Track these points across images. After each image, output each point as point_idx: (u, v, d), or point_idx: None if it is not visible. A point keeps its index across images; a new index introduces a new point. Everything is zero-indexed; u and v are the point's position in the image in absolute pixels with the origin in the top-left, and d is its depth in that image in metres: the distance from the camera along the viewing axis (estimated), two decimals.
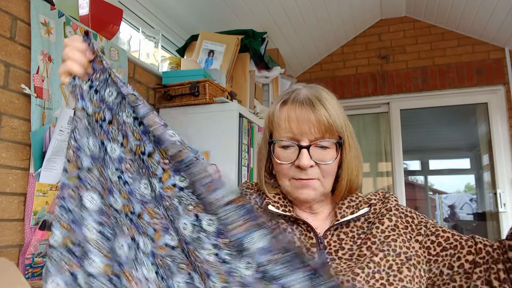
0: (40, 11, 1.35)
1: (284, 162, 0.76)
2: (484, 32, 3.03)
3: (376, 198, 0.83)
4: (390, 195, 0.83)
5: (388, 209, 0.79)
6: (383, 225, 0.76)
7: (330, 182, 0.78)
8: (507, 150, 3.02)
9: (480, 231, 3.55)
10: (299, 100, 0.76)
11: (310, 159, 0.74)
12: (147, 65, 2.01)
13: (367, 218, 0.79)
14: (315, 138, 0.74)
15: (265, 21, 2.64)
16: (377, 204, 0.82)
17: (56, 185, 1.35)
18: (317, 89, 0.79)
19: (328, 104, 0.75)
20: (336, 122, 0.74)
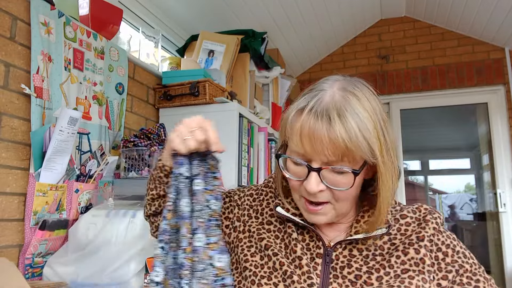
0: (40, 11, 1.35)
1: (293, 178, 0.66)
2: (484, 32, 3.03)
3: (414, 217, 0.69)
4: (433, 217, 0.68)
5: (421, 237, 0.66)
6: (406, 256, 0.65)
7: (345, 206, 0.66)
8: (507, 150, 3.02)
9: (480, 231, 3.55)
10: (317, 111, 0.61)
11: (320, 182, 0.62)
12: (147, 65, 2.01)
13: (392, 238, 0.67)
14: (328, 161, 0.61)
15: (265, 21, 2.64)
16: (412, 224, 0.68)
17: (56, 185, 1.35)
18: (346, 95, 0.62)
19: (352, 120, 0.59)
20: (359, 145, 0.58)
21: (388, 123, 0.65)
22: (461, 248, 0.68)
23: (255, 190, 0.82)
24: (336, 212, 0.67)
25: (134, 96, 1.89)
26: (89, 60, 1.56)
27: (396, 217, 0.70)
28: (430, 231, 0.67)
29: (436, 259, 0.66)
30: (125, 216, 1.26)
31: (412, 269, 0.63)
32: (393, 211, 0.71)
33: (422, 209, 0.70)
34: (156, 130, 1.81)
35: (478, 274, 0.65)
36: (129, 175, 1.61)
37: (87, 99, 1.55)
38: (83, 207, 1.47)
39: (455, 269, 0.65)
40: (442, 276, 0.65)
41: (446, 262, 0.65)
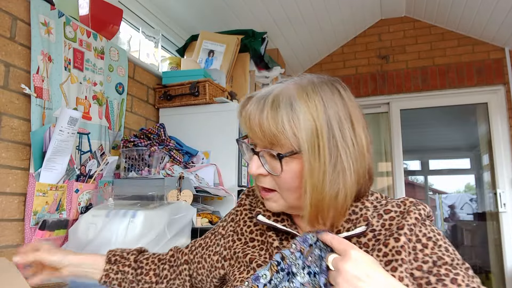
0: (40, 11, 1.35)
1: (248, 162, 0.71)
2: (484, 32, 3.04)
3: (398, 211, 0.67)
4: (416, 209, 0.66)
5: (401, 226, 0.64)
6: (387, 247, 0.63)
7: (290, 196, 0.67)
8: (507, 150, 3.02)
9: (480, 231, 3.55)
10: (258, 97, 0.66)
11: (261, 166, 0.66)
12: (147, 65, 2.01)
13: (377, 234, 0.66)
14: (264, 145, 0.66)
15: (265, 21, 2.64)
16: (396, 218, 0.67)
17: (56, 185, 1.35)
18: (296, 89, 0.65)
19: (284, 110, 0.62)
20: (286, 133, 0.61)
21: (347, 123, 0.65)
22: (445, 243, 0.64)
23: (234, 214, 0.83)
24: (286, 203, 0.68)
25: (134, 96, 1.89)
26: (89, 60, 1.56)
27: (380, 212, 0.68)
28: (411, 220, 0.64)
29: (413, 249, 0.63)
30: (125, 216, 1.26)
31: (394, 258, 0.62)
32: (378, 206, 0.70)
33: (407, 202, 0.68)
34: (156, 130, 1.81)
35: (459, 268, 0.61)
36: (129, 175, 1.61)
37: (87, 99, 1.55)
38: (83, 207, 1.47)
39: (433, 260, 0.61)
40: (416, 266, 0.62)
41: (424, 253, 0.62)
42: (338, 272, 0.56)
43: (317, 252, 0.63)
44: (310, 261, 0.63)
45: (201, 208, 1.65)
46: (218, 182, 1.83)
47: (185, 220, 1.38)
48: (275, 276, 0.63)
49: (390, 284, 0.54)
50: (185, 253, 0.87)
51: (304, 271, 0.62)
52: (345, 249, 0.57)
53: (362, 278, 0.53)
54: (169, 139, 1.82)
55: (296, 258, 0.63)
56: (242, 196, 0.85)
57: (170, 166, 1.67)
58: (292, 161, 0.64)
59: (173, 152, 1.76)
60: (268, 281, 0.62)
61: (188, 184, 1.52)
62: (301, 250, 0.64)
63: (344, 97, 0.67)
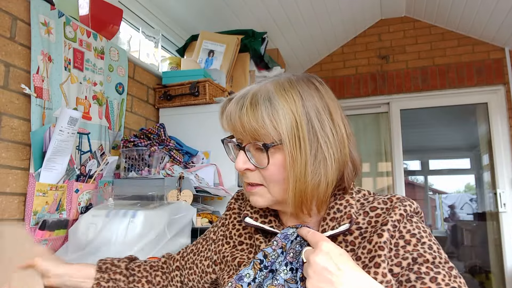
0: (40, 11, 1.35)
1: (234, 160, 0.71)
2: (484, 32, 3.04)
3: (384, 207, 0.67)
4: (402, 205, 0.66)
5: (385, 222, 0.64)
6: (370, 243, 0.63)
7: (276, 189, 0.67)
8: (507, 150, 3.02)
9: (480, 231, 3.55)
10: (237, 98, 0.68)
11: (247, 161, 0.67)
12: (147, 65, 2.01)
13: (363, 231, 0.66)
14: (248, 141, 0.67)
15: (265, 21, 2.64)
16: (381, 215, 0.66)
17: (56, 185, 1.35)
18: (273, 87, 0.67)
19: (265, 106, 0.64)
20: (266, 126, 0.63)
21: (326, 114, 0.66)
22: (429, 241, 0.63)
23: (224, 218, 0.84)
24: (272, 197, 0.68)
25: (134, 96, 1.89)
26: (89, 60, 1.56)
27: (366, 210, 0.68)
28: (395, 216, 0.64)
29: (395, 246, 0.62)
30: (125, 216, 1.26)
31: (377, 254, 0.61)
32: (365, 203, 0.70)
33: (394, 199, 0.67)
34: (156, 130, 1.81)
35: (441, 267, 0.59)
36: (129, 175, 1.61)
37: (87, 99, 1.55)
38: (83, 207, 1.47)
39: (413, 257, 0.61)
40: (396, 262, 0.61)
41: (405, 249, 0.62)
42: (309, 264, 0.55)
43: (298, 247, 0.63)
44: (291, 257, 0.63)
45: (201, 208, 1.65)
46: (218, 182, 1.83)
47: (185, 220, 1.38)
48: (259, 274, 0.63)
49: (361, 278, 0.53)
50: (176, 259, 0.88)
51: (287, 268, 0.62)
52: (317, 241, 0.57)
53: (332, 270, 0.53)
54: (169, 139, 1.82)
55: (278, 255, 0.64)
56: (231, 200, 0.86)
57: (170, 166, 1.67)
58: (276, 152, 0.65)
59: (173, 152, 1.76)
60: (252, 279, 0.62)
61: (188, 184, 1.52)
62: (282, 247, 0.64)
63: (321, 90, 0.69)
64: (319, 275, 0.53)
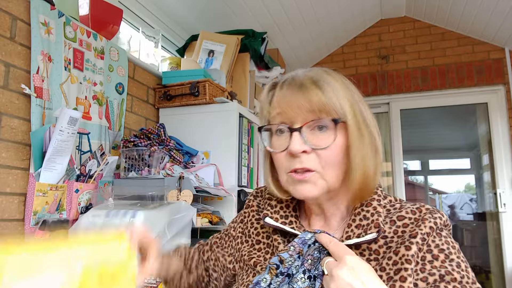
0: (40, 11, 1.35)
1: (277, 150, 0.66)
2: (484, 32, 3.04)
3: (412, 217, 0.63)
4: (432, 217, 0.62)
5: (414, 234, 0.60)
6: (397, 255, 0.60)
7: (332, 174, 0.63)
8: (507, 150, 3.02)
9: (480, 231, 3.55)
10: (291, 82, 0.65)
11: (303, 143, 0.62)
12: (147, 65, 2.01)
13: (388, 241, 0.63)
14: (307, 120, 0.63)
15: (265, 21, 2.64)
16: (409, 225, 0.63)
17: (56, 185, 1.35)
18: (317, 71, 0.67)
19: (325, 84, 0.63)
20: (333, 100, 0.62)
21: (363, 101, 0.69)
22: (458, 258, 0.60)
23: (243, 215, 0.82)
24: (326, 183, 0.64)
25: (134, 96, 1.89)
26: (89, 60, 1.56)
27: (393, 218, 0.65)
28: (425, 229, 0.61)
29: (422, 260, 0.59)
30: (125, 216, 1.26)
31: (404, 267, 0.58)
32: (391, 210, 0.67)
33: (423, 209, 0.64)
34: (156, 130, 1.81)
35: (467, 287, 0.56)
36: (129, 175, 1.61)
37: (87, 99, 1.55)
38: (83, 207, 1.47)
39: (440, 274, 0.57)
40: (422, 277, 0.58)
41: (432, 265, 0.58)
42: (332, 278, 0.53)
43: (316, 254, 0.61)
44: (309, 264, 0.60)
45: (201, 208, 1.65)
46: (218, 182, 1.83)
47: (185, 220, 1.38)
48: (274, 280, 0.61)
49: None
50: (206, 250, 0.88)
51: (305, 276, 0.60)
52: (341, 254, 0.55)
53: (357, 286, 0.50)
54: (169, 139, 1.82)
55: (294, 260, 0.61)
56: (250, 197, 0.84)
57: (170, 166, 1.67)
58: (340, 132, 0.63)
59: (173, 152, 1.76)
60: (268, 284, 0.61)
61: (188, 184, 1.52)
62: (299, 252, 0.61)
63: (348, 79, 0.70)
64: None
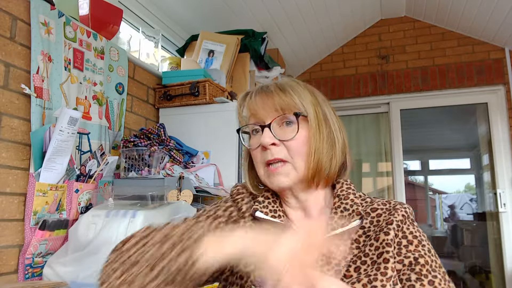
0: (40, 11, 1.35)
1: (253, 146, 0.76)
2: (484, 32, 3.03)
3: (384, 208, 0.73)
4: (402, 207, 0.72)
5: (390, 221, 0.69)
6: (377, 241, 0.67)
7: (301, 163, 0.72)
8: (507, 150, 3.02)
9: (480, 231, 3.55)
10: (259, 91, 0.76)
11: (273, 137, 0.72)
12: (147, 65, 2.01)
13: (366, 230, 0.70)
14: (274, 117, 0.73)
15: (265, 21, 2.64)
16: (383, 215, 0.72)
17: (56, 185, 1.35)
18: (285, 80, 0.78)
19: (289, 88, 0.74)
20: (295, 99, 0.72)
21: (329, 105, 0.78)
22: (428, 245, 0.68)
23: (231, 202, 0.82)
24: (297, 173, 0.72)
25: (134, 96, 1.89)
26: (89, 60, 1.56)
27: (367, 211, 0.73)
28: (398, 217, 0.69)
29: (398, 244, 0.67)
30: (125, 216, 1.26)
31: (385, 250, 0.65)
32: (363, 204, 0.75)
33: (392, 202, 0.74)
34: (156, 130, 1.81)
35: (437, 271, 0.64)
36: (129, 175, 1.61)
37: (87, 99, 1.55)
38: (83, 207, 1.47)
39: (414, 257, 0.65)
40: (398, 260, 0.65)
41: (408, 249, 0.66)
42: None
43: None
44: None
45: (201, 208, 1.65)
46: (218, 182, 1.83)
47: None
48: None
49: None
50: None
51: None
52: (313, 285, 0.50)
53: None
54: (169, 139, 1.82)
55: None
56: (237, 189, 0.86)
57: (170, 166, 1.67)
58: (303, 125, 0.73)
59: (173, 152, 1.76)
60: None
61: (188, 184, 1.52)
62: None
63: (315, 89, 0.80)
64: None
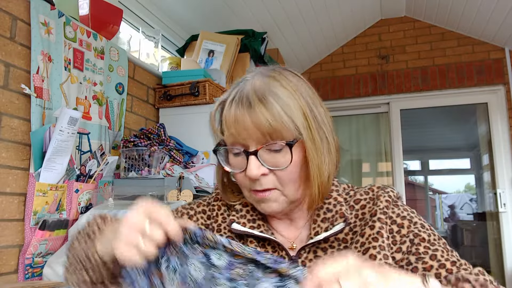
0: (40, 11, 1.35)
1: (236, 170, 0.64)
2: (484, 32, 3.04)
3: (367, 197, 0.67)
4: (383, 193, 0.66)
5: (373, 213, 0.64)
6: (363, 237, 0.62)
7: (292, 189, 0.63)
8: (507, 150, 3.02)
9: (480, 231, 3.55)
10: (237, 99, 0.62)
11: (261, 166, 0.61)
12: (147, 65, 2.01)
13: (352, 226, 0.65)
14: (261, 142, 0.61)
15: (265, 21, 2.64)
16: (367, 206, 0.66)
17: (56, 185, 1.35)
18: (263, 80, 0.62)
19: (274, 101, 0.60)
20: (284, 121, 0.59)
21: (316, 100, 0.65)
22: (420, 220, 0.64)
23: (207, 206, 0.74)
24: (287, 199, 0.64)
25: (134, 96, 1.89)
26: (89, 60, 1.56)
27: (351, 204, 0.67)
28: (382, 204, 0.64)
29: (390, 232, 0.62)
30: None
31: (372, 246, 0.60)
32: (347, 198, 0.68)
33: (375, 188, 0.68)
34: (156, 130, 1.81)
35: (437, 244, 0.60)
36: (129, 175, 1.61)
37: (87, 99, 1.55)
38: (83, 207, 1.47)
39: (409, 239, 0.61)
40: (396, 249, 0.61)
41: (401, 234, 0.62)
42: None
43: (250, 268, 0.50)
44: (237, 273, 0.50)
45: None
46: None
47: None
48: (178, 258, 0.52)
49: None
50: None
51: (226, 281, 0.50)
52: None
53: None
54: (169, 139, 1.82)
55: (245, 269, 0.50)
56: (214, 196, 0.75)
57: (170, 166, 1.67)
58: (296, 149, 0.61)
59: (173, 152, 1.76)
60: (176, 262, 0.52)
61: (188, 184, 1.52)
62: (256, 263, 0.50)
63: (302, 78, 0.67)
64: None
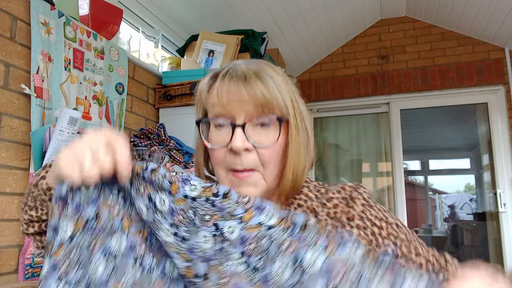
0: (40, 11, 1.35)
1: (217, 146, 0.63)
2: (484, 32, 3.04)
3: (340, 197, 0.65)
4: (359, 193, 0.65)
5: (351, 218, 0.62)
6: None
7: (271, 172, 0.62)
8: (507, 150, 3.02)
9: (480, 231, 3.55)
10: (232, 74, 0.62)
11: (246, 140, 0.59)
12: (147, 65, 2.01)
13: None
14: (251, 116, 0.60)
15: (265, 21, 2.64)
16: (339, 205, 0.64)
17: None
18: (259, 64, 0.64)
19: (268, 78, 0.61)
20: (277, 97, 0.60)
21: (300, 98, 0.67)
22: (392, 219, 0.65)
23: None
24: (266, 184, 0.62)
25: (134, 96, 1.89)
26: (89, 60, 1.56)
27: (323, 201, 0.65)
28: (358, 208, 0.63)
29: (372, 235, 0.61)
30: None
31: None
32: (318, 195, 0.67)
33: (347, 187, 0.66)
34: (156, 130, 1.81)
35: (414, 240, 0.62)
36: None
37: (87, 99, 1.55)
38: None
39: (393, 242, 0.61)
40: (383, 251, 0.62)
41: (382, 236, 0.61)
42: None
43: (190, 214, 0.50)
44: (180, 220, 0.50)
45: None
46: None
47: None
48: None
49: None
50: None
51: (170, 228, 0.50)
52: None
53: None
54: (169, 139, 1.82)
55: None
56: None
57: (170, 166, 1.67)
58: (282, 130, 0.62)
59: (173, 152, 1.76)
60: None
61: None
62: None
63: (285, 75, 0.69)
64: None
